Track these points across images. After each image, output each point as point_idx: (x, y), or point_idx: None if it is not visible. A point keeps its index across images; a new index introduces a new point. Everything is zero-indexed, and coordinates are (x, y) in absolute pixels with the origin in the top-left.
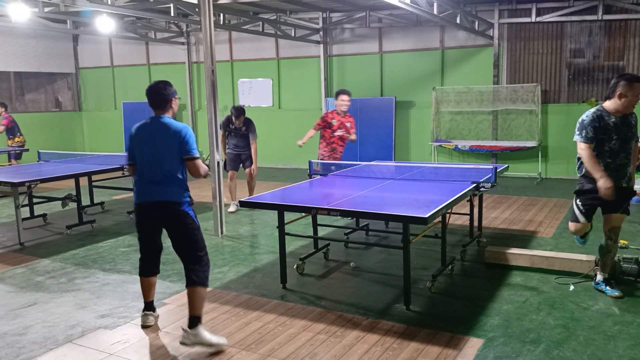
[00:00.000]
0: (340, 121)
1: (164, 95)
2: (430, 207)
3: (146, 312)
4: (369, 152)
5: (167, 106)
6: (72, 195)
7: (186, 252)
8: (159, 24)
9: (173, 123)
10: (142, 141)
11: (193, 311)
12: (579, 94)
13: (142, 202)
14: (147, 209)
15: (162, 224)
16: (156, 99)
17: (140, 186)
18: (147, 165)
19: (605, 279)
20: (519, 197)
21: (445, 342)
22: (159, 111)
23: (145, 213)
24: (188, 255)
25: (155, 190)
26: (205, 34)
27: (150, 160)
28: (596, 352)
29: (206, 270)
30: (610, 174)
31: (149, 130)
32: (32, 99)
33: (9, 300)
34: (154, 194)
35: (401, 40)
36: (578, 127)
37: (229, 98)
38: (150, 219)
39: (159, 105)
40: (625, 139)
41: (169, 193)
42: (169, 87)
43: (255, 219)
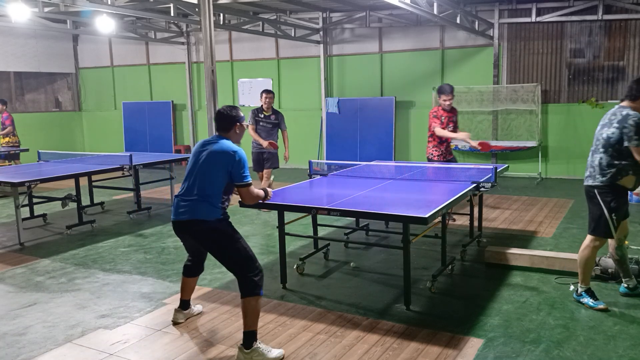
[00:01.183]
0: (448, 117)
1: (226, 117)
2: (430, 207)
3: (179, 309)
4: (369, 152)
5: (230, 129)
6: (72, 195)
7: (227, 267)
8: (159, 24)
9: (227, 144)
10: (194, 154)
11: (245, 326)
12: (579, 94)
13: (175, 220)
14: (181, 228)
15: (197, 242)
16: (220, 120)
17: (176, 201)
18: (188, 180)
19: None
20: (519, 197)
21: (445, 342)
22: (222, 132)
23: (179, 232)
24: (231, 270)
25: (186, 208)
26: (205, 34)
27: (191, 174)
28: (596, 352)
29: (254, 279)
30: (637, 179)
31: (204, 146)
32: (32, 99)
33: (9, 300)
34: (185, 212)
35: (401, 40)
36: (634, 130)
37: (229, 98)
38: (186, 238)
39: (221, 127)
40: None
41: (200, 212)
42: (235, 110)
43: (255, 219)
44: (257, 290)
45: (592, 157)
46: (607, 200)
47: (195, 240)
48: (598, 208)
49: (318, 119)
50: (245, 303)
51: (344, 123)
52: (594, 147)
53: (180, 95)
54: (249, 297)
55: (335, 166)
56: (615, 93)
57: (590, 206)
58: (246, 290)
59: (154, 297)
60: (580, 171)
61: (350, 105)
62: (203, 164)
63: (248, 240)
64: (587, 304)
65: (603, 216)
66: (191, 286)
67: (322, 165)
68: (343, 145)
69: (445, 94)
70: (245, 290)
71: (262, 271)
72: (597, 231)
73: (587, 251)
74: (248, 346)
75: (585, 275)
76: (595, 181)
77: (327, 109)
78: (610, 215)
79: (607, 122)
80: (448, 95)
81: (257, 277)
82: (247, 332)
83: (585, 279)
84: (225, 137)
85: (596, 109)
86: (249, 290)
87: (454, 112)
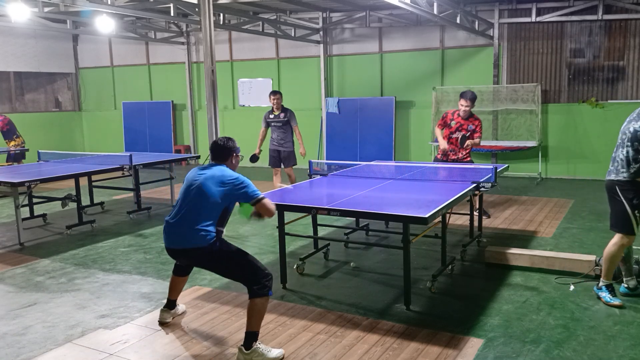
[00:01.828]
0: (460, 123)
1: (223, 148)
2: (430, 207)
3: (165, 308)
4: (369, 152)
5: (226, 160)
6: (72, 195)
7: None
8: (159, 24)
9: (227, 170)
10: (187, 179)
11: (248, 326)
12: (579, 93)
13: (169, 248)
14: (177, 255)
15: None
16: (216, 151)
17: (166, 227)
18: (181, 205)
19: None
20: (519, 197)
21: (445, 342)
22: (218, 161)
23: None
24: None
25: (178, 235)
26: (205, 34)
27: (184, 199)
28: (596, 352)
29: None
30: None
31: (200, 171)
32: (32, 99)
33: (9, 300)
34: (178, 241)
35: (401, 40)
36: None
37: (229, 98)
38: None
39: (217, 158)
40: None
41: (193, 239)
42: (231, 142)
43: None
44: (266, 291)
45: (617, 152)
46: (629, 197)
47: (194, 264)
48: (620, 204)
49: (318, 119)
50: (252, 304)
51: (344, 123)
52: (620, 141)
53: (180, 95)
54: (257, 298)
55: (335, 166)
56: (616, 93)
57: (611, 202)
58: (255, 292)
59: (154, 297)
60: (580, 171)
61: (350, 105)
62: (197, 190)
63: (248, 240)
64: (604, 299)
65: (626, 213)
66: (180, 287)
67: (322, 165)
68: (343, 145)
69: (464, 99)
70: (254, 293)
71: (271, 275)
72: (619, 227)
73: (613, 248)
74: (248, 347)
75: (609, 270)
76: (618, 176)
77: (327, 109)
78: (633, 212)
79: (636, 117)
80: (466, 101)
81: (266, 279)
82: (250, 332)
83: (608, 274)
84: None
85: (596, 109)
86: (258, 292)
87: (470, 122)
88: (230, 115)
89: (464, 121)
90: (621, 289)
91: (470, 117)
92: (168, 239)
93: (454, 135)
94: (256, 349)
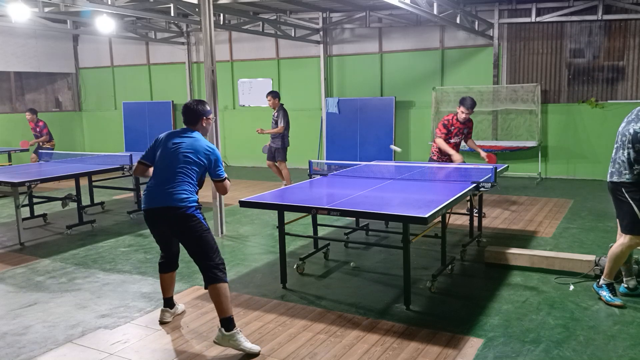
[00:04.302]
0: (459, 128)
1: (195, 111)
2: (430, 207)
3: (164, 308)
4: (369, 152)
5: (197, 123)
6: (72, 195)
7: (198, 256)
8: (159, 24)
9: (204, 140)
10: (166, 146)
11: (221, 313)
12: (579, 94)
13: (149, 208)
14: (153, 215)
15: (171, 230)
16: (187, 114)
17: (150, 190)
18: (163, 170)
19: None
20: (519, 197)
21: (445, 342)
22: (190, 126)
23: (152, 220)
24: (200, 259)
25: (163, 195)
26: (205, 34)
27: (168, 164)
28: (596, 352)
29: (222, 268)
30: None
31: (176, 138)
32: (32, 99)
33: (9, 300)
34: (161, 200)
35: (401, 40)
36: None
37: (229, 98)
38: (159, 226)
39: (189, 121)
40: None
41: (176, 199)
42: (202, 105)
43: (255, 219)
44: (222, 276)
45: (617, 154)
46: (636, 198)
47: (168, 226)
48: (627, 206)
49: (318, 119)
50: (213, 290)
51: (344, 123)
52: (619, 143)
53: (181, 95)
54: (215, 284)
55: (335, 166)
56: (615, 93)
57: (617, 204)
58: (212, 277)
59: (154, 297)
60: (580, 171)
61: (350, 105)
62: (179, 156)
63: (248, 240)
64: (604, 298)
65: (635, 214)
66: (170, 283)
67: (322, 165)
68: (343, 145)
69: (465, 107)
70: (211, 278)
71: (224, 264)
72: (629, 229)
73: (619, 249)
74: (228, 329)
75: (611, 270)
76: (621, 177)
77: (327, 109)
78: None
79: (634, 118)
80: (468, 110)
81: (221, 264)
82: (225, 318)
83: (610, 273)
84: (194, 130)
85: (596, 109)
86: (215, 277)
87: (466, 125)
88: (230, 115)
89: (462, 125)
90: (621, 289)
91: (467, 121)
92: (150, 199)
93: (452, 140)
94: (235, 333)
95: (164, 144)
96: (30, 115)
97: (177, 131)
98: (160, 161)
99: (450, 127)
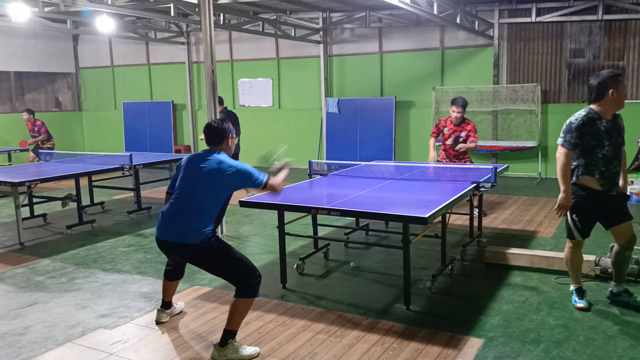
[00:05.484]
0: (453, 130)
1: (220, 130)
2: (430, 207)
3: (160, 309)
4: (369, 152)
5: (222, 142)
6: (72, 195)
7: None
8: (159, 23)
9: (226, 160)
10: (187, 171)
11: (228, 324)
12: (579, 94)
13: (160, 239)
14: (167, 247)
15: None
16: (211, 134)
17: (163, 218)
18: (181, 198)
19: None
20: (519, 197)
21: (445, 342)
22: (214, 146)
23: (166, 250)
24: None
25: (176, 227)
26: (205, 34)
27: (187, 193)
28: (596, 352)
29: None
30: (604, 182)
31: (200, 159)
32: (32, 98)
33: (9, 300)
34: (174, 233)
35: (401, 40)
36: (564, 129)
37: (229, 98)
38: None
39: (214, 141)
40: (617, 144)
41: (189, 234)
42: (226, 123)
43: (255, 219)
44: (253, 293)
45: None
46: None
47: (186, 260)
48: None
49: (318, 119)
50: (237, 303)
51: (344, 123)
52: None
53: (180, 95)
54: (243, 298)
55: (335, 166)
56: None
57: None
58: (243, 292)
59: (154, 297)
60: None
61: (350, 105)
62: (201, 181)
63: (248, 240)
64: (572, 302)
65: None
66: (172, 289)
67: (322, 165)
68: (343, 145)
69: (455, 105)
70: (241, 292)
71: (260, 275)
72: (566, 233)
73: (565, 251)
74: (223, 344)
75: (571, 275)
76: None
77: (327, 109)
78: (572, 215)
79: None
80: (457, 107)
81: (256, 281)
82: (228, 330)
83: (572, 278)
84: (220, 150)
85: None
86: (246, 292)
87: (462, 128)
88: None
89: (457, 127)
90: (606, 293)
91: (462, 123)
92: (160, 229)
93: (447, 142)
94: (230, 345)
95: (185, 169)
96: (27, 115)
97: (199, 154)
98: (180, 187)
99: (443, 128)
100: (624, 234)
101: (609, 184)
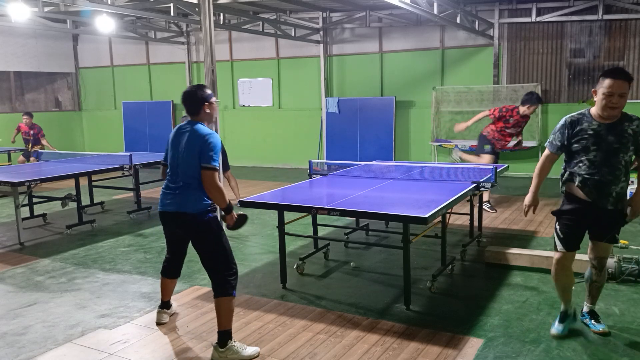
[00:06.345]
0: (519, 121)
1: (195, 99)
2: (430, 207)
3: (161, 309)
4: (369, 152)
5: (199, 110)
6: (72, 195)
7: (211, 263)
8: (159, 23)
9: (200, 129)
10: (172, 144)
11: (220, 325)
12: (579, 93)
13: (162, 211)
14: (167, 219)
15: (184, 234)
16: (187, 104)
17: (163, 192)
18: (173, 169)
19: (591, 312)
20: (519, 197)
21: (445, 342)
22: (193, 117)
23: (167, 223)
24: (213, 268)
25: (174, 198)
26: (205, 34)
27: (175, 164)
28: (596, 352)
29: (233, 282)
30: (589, 192)
31: (180, 134)
32: (32, 98)
33: (9, 300)
34: (173, 204)
35: (401, 40)
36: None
37: (229, 98)
38: (173, 230)
39: (190, 110)
40: (610, 150)
41: (187, 203)
42: (200, 90)
43: (255, 219)
44: (230, 291)
45: None
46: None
47: (182, 231)
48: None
49: (318, 118)
50: (219, 303)
51: (344, 123)
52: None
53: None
54: (222, 297)
55: (335, 166)
56: None
57: None
58: (221, 290)
59: (154, 297)
60: None
61: (350, 105)
62: (184, 152)
63: (248, 240)
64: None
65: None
66: (170, 288)
67: (322, 165)
68: (343, 145)
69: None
70: (219, 291)
71: (237, 272)
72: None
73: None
74: (223, 345)
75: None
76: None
77: (327, 108)
78: (555, 224)
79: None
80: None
81: (232, 277)
82: (222, 331)
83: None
84: (197, 121)
85: None
86: (223, 290)
87: (525, 120)
88: (230, 115)
89: (522, 119)
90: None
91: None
92: (162, 202)
93: (508, 130)
94: (231, 346)
95: (171, 143)
96: (27, 119)
97: (180, 126)
98: (170, 164)
99: (509, 117)
100: (596, 252)
101: (596, 195)
